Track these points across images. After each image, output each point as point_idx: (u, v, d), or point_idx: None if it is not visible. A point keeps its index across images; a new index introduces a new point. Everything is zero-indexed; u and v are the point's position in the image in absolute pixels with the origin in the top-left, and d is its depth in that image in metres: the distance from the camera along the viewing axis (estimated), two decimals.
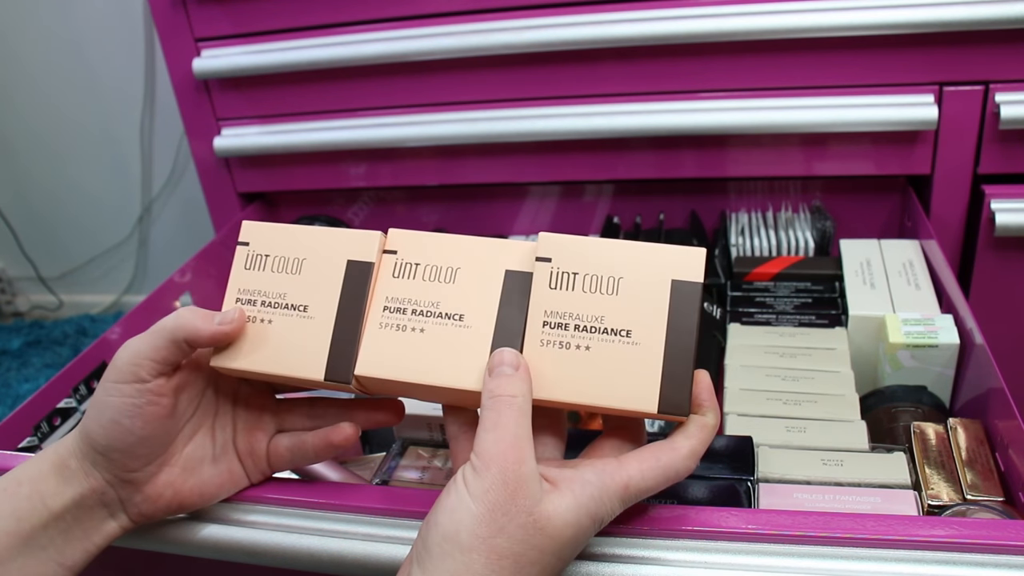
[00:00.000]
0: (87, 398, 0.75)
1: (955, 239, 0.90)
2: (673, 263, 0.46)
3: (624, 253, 0.46)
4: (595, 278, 0.46)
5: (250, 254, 0.52)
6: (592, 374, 0.45)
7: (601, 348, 0.45)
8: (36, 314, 1.93)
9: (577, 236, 0.47)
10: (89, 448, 0.47)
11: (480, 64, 0.93)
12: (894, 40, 0.83)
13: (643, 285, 0.46)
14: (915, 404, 0.67)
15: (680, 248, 0.46)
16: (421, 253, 0.49)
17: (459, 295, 0.48)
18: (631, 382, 0.45)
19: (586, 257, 0.46)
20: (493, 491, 0.40)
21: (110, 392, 0.46)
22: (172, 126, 1.59)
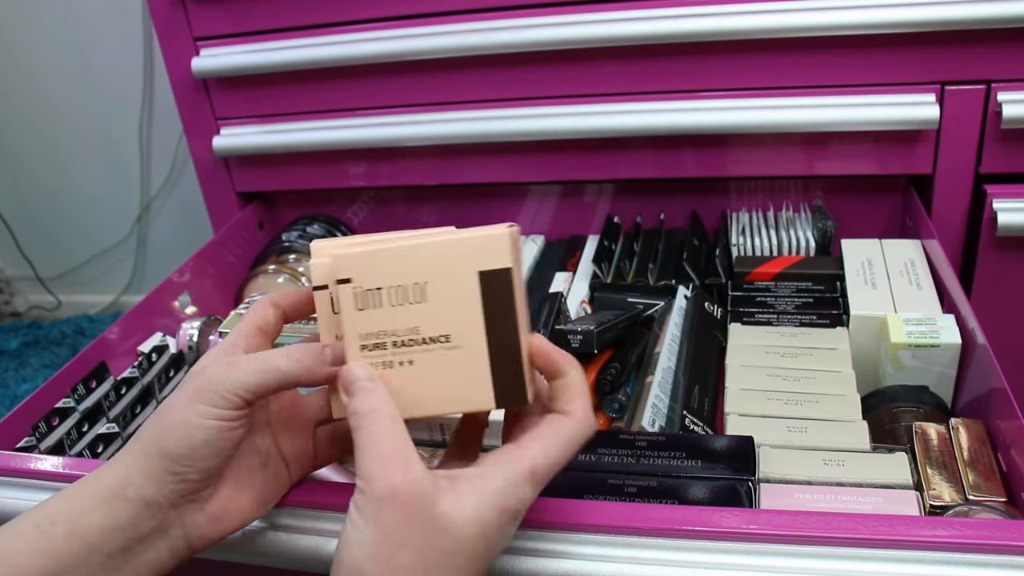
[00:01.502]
0: (85, 398, 0.75)
1: (957, 239, 0.90)
2: (476, 253, 0.43)
3: (423, 255, 0.44)
4: (400, 289, 0.44)
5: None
6: (423, 385, 0.44)
7: (424, 359, 0.44)
8: (34, 314, 1.93)
9: (373, 247, 0.44)
10: (160, 469, 0.43)
11: (480, 63, 0.93)
12: (895, 39, 0.83)
13: (450, 284, 0.44)
14: (917, 404, 0.67)
15: (480, 234, 0.43)
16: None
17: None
18: (462, 385, 0.44)
19: (386, 269, 0.44)
20: (384, 509, 0.38)
21: (203, 415, 0.43)
22: (171, 126, 1.59)
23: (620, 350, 0.75)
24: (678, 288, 0.84)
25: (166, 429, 0.44)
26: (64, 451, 0.70)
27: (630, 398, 0.71)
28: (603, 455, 0.61)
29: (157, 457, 0.43)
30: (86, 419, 0.72)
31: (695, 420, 0.69)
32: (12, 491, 0.59)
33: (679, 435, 0.65)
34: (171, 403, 0.44)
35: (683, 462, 0.59)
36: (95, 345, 0.80)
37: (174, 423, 0.43)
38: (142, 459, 0.44)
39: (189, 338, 0.85)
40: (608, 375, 0.71)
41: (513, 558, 0.49)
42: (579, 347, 0.73)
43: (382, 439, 0.40)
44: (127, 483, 0.43)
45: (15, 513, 0.58)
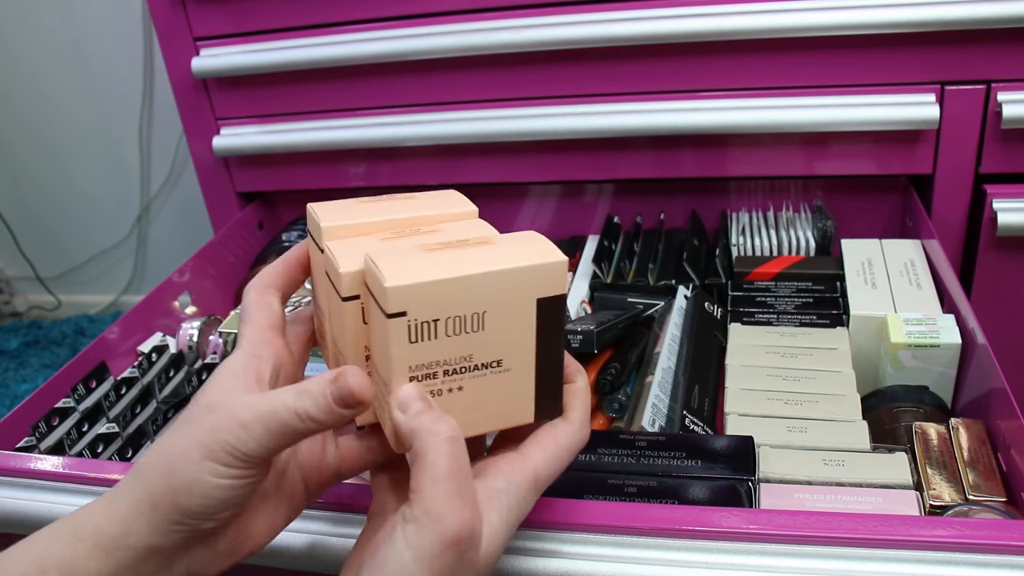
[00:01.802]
0: (85, 398, 0.75)
1: (957, 239, 0.90)
2: (536, 281, 0.42)
3: (484, 285, 0.41)
4: (458, 320, 0.42)
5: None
6: (468, 407, 0.43)
7: (473, 384, 0.43)
8: (34, 314, 1.93)
9: (430, 277, 0.40)
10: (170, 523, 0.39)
11: (479, 63, 0.93)
12: (895, 39, 0.83)
13: (508, 312, 0.42)
14: (917, 404, 0.67)
15: (541, 262, 0.42)
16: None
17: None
18: (506, 405, 0.44)
19: (444, 300, 0.41)
20: (443, 555, 0.36)
21: (219, 475, 0.39)
22: (171, 125, 1.59)
23: (620, 350, 0.75)
24: (678, 288, 0.84)
25: (178, 485, 0.39)
26: (64, 451, 0.70)
27: (630, 398, 0.71)
28: (603, 455, 0.61)
29: (168, 510, 0.39)
30: (86, 419, 0.72)
31: (695, 420, 0.69)
32: (12, 491, 0.59)
33: (679, 435, 0.65)
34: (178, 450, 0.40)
35: (683, 462, 0.59)
36: (95, 345, 0.80)
37: (186, 481, 0.39)
38: (147, 509, 0.40)
39: (189, 338, 0.85)
40: (608, 375, 0.71)
41: (513, 558, 0.49)
42: (579, 347, 0.73)
43: (456, 471, 0.38)
44: (129, 532, 0.40)
45: (14, 513, 0.58)
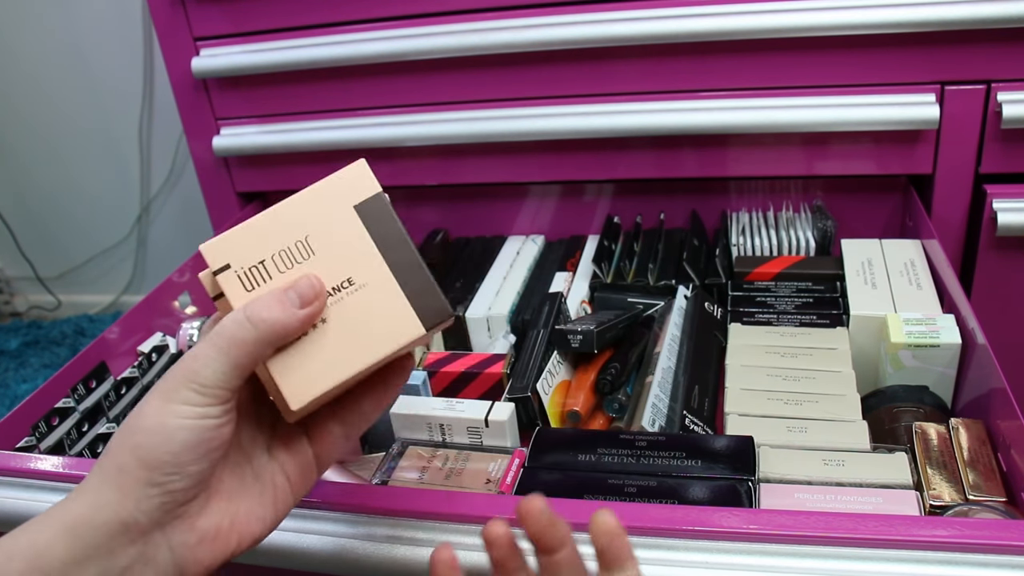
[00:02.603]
0: (85, 398, 0.75)
1: (957, 239, 0.90)
2: (344, 190, 0.43)
3: (292, 211, 0.43)
4: (284, 252, 0.42)
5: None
6: (347, 338, 0.42)
7: (335, 311, 0.42)
8: (34, 314, 1.93)
9: (233, 228, 0.42)
10: (140, 483, 0.38)
11: (480, 63, 0.93)
12: (895, 39, 0.83)
13: (331, 228, 0.43)
14: (917, 404, 0.67)
15: (340, 172, 0.44)
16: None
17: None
18: (384, 321, 0.42)
19: (260, 240, 0.42)
20: None
21: (183, 415, 0.38)
22: (171, 125, 1.59)
23: (620, 350, 0.75)
24: (678, 288, 0.84)
25: (141, 437, 0.38)
26: (64, 451, 0.70)
27: (630, 398, 0.71)
28: (603, 455, 0.61)
29: (134, 468, 0.38)
30: (86, 419, 0.73)
31: (695, 420, 0.69)
32: (12, 491, 0.59)
33: (679, 435, 0.65)
34: (139, 411, 0.39)
35: (683, 462, 0.59)
36: (95, 345, 0.80)
37: (150, 429, 0.38)
38: (114, 474, 0.38)
39: (189, 338, 0.85)
40: (608, 375, 0.71)
41: None
42: (579, 347, 0.73)
43: None
44: (97, 507, 0.38)
45: (14, 513, 0.58)
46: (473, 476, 0.62)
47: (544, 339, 0.75)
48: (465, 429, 0.67)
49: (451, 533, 0.51)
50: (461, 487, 0.61)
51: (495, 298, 0.89)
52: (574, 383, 0.74)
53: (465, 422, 0.67)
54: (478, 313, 0.86)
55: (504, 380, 0.73)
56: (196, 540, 0.40)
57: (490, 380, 0.74)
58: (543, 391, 0.70)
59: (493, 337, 0.86)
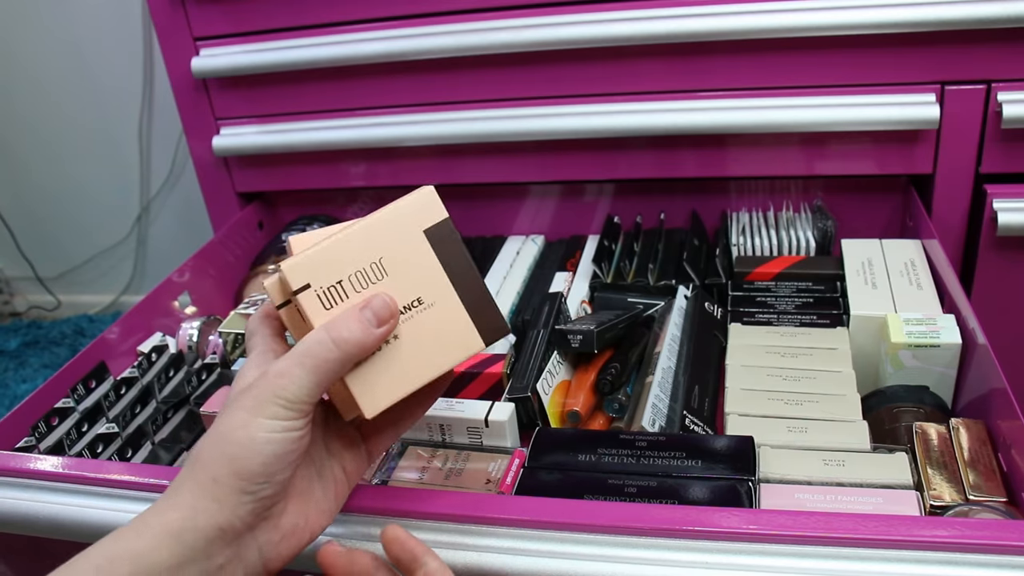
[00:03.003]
0: (85, 398, 0.75)
1: (957, 239, 0.90)
2: (414, 215, 0.46)
3: (368, 235, 0.46)
4: (360, 273, 0.46)
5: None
6: (414, 353, 0.46)
7: (406, 328, 0.46)
8: (34, 314, 1.93)
9: (314, 246, 0.46)
10: (235, 492, 0.41)
11: (479, 63, 0.92)
12: (896, 39, 0.83)
13: (403, 251, 0.46)
14: (917, 404, 0.66)
15: (410, 198, 0.47)
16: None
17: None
18: (449, 338, 0.46)
19: (338, 261, 0.45)
20: None
21: (271, 429, 0.42)
22: (171, 125, 1.59)
23: (620, 350, 0.75)
24: (678, 288, 0.84)
25: (234, 451, 0.41)
26: (64, 451, 0.70)
27: (630, 398, 0.71)
28: (603, 455, 0.61)
29: (228, 479, 0.41)
30: (86, 419, 0.72)
31: (695, 420, 0.69)
32: (11, 491, 0.59)
33: (679, 435, 0.65)
34: (228, 424, 0.42)
35: (683, 462, 0.59)
36: (95, 345, 0.80)
37: (240, 442, 0.41)
38: (210, 485, 0.41)
39: (189, 338, 0.85)
40: (608, 375, 0.71)
41: (514, 558, 0.49)
42: (579, 347, 0.73)
43: None
44: (196, 512, 0.41)
45: (14, 513, 0.58)
46: (473, 476, 0.62)
47: (544, 339, 0.75)
48: (465, 429, 0.67)
49: (451, 533, 0.51)
50: (461, 487, 0.61)
51: (495, 298, 0.89)
52: (574, 383, 0.74)
53: (465, 422, 0.66)
54: None
55: (504, 380, 0.73)
56: (279, 538, 0.44)
57: (490, 380, 0.74)
58: (543, 391, 0.70)
59: None
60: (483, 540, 0.50)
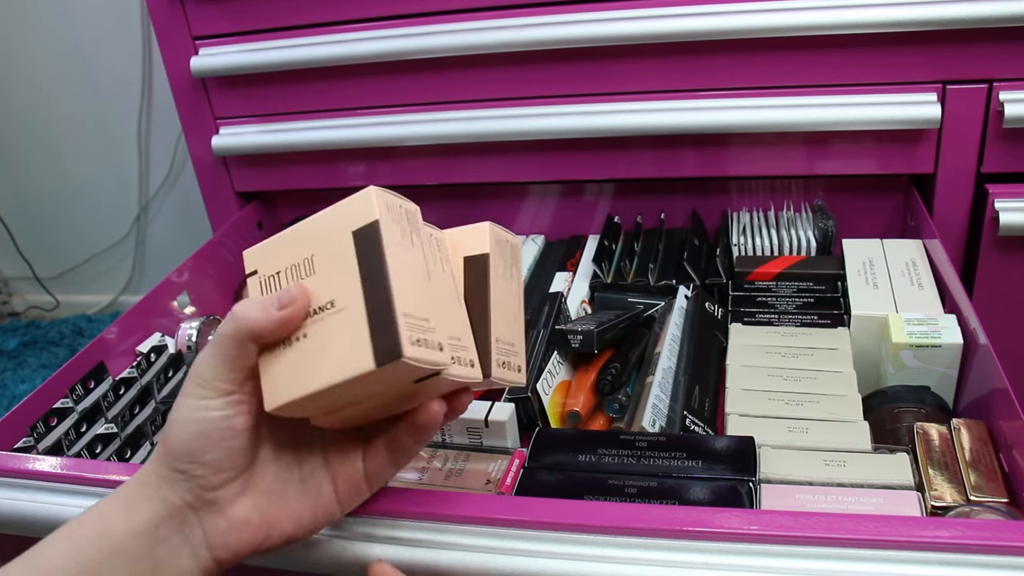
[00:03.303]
0: (84, 399, 0.75)
1: (958, 238, 0.90)
2: (350, 214, 0.44)
3: (308, 229, 0.45)
4: (294, 267, 0.45)
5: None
6: (316, 357, 0.43)
7: (315, 329, 0.43)
8: (32, 314, 1.93)
9: (268, 239, 0.47)
10: (169, 469, 0.44)
11: (479, 62, 0.92)
12: (897, 38, 0.83)
13: (331, 250, 0.44)
14: (918, 404, 0.66)
15: (353, 197, 0.44)
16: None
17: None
18: (345, 349, 0.42)
19: (282, 251, 0.46)
20: None
21: (192, 408, 0.43)
22: (170, 125, 1.59)
23: (620, 350, 0.75)
24: (678, 288, 0.83)
25: (167, 429, 0.44)
26: (62, 451, 0.69)
27: (630, 398, 0.71)
28: (603, 455, 0.61)
29: (165, 457, 0.44)
30: (84, 419, 0.72)
31: (696, 420, 0.69)
32: (10, 491, 0.59)
33: (679, 435, 0.65)
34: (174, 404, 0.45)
35: (684, 463, 0.59)
36: (93, 345, 0.80)
37: (173, 421, 0.44)
38: (155, 461, 0.44)
39: (188, 338, 0.84)
40: (608, 375, 0.71)
41: (514, 558, 0.49)
42: (579, 347, 0.73)
43: None
44: (146, 483, 0.44)
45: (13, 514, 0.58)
46: (473, 476, 0.62)
47: (544, 339, 0.75)
48: (465, 429, 0.67)
49: (450, 534, 0.51)
50: (461, 488, 0.61)
51: None
52: (574, 383, 0.74)
53: (465, 422, 0.66)
54: None
55: None
56: (227, 526, 0.44)
57: None
58: (543, 391, 0.70)
59: None
60: (483, 540, 0.50)
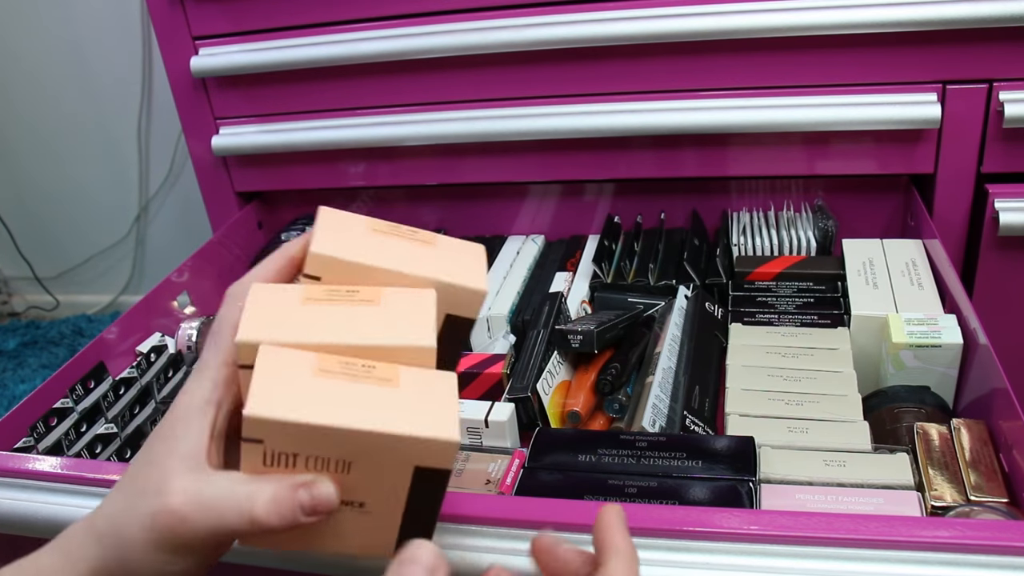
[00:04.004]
0: (84, 399, 0.75)
1: (958, 238, 0.90)
2: (419, 452, 0.38)
3: (352, 439, 0.38)
4: (320, 460, 0.39)
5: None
6: (324, 531, 0.41)
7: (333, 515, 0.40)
8: (32, 314, 1.93)
9: (291, 416, 0.37)
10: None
11: (480, 62, 0.92)
12: (897, 38, 0.83)
13: (380, 468, 0.39)
14: (918, 404, 0.66)
15: (426, 436, 0.38)
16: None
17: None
18: (366, 539, 0.42)
19: (305, 440, 0.38)
20: None
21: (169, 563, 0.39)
22: (170, 125, 1.59)
23: (620, 350, 0.75)
24: (678, 288, 0.83)
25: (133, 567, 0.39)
26: (62, 451, 0.69)
27: (630, 398, 0.71)
28: (603, 455, 0.61)
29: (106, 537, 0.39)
30: (84, 419, 0.72)
31: (696, 420, 0.69)
32: (10, 492, 0.59)
33: (680, 435, 0.65)
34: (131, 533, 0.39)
35: (684, 463, 0.59)
36: (93, 345, 0.80)
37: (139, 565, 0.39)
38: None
39: (188, 338, 0.84)
40: (608, 375, 0.71)
41: (514, 558, 0.49)
42: (579, 347, 0.73)
43: None
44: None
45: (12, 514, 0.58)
46: (473, 477, 0.62)
47: (544, 339, 0.75)
48: (465, 429, 0.67)
49: (451, 534, 0.51)
50: (461, 488, 0.61)
51: (495, 298, 0.89)
52: (574, 383, 0.74)
53: (465, 422, 0.66)
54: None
55: (504, 380, 0.73)
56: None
57: (490, 380, 0.73)
58: (543, 391, 0.70)
59: (493, 337, 0.86)
60: (483, 540, 0.50)
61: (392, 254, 0.45)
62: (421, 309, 0.43)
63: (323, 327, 0.41)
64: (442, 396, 0.40)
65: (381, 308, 0.42)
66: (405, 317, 0.42)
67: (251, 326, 0.40)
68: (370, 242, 0.45)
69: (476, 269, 0.46)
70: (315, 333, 0.41)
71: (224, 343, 0.42)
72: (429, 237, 0.48)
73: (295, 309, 0.42)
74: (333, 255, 0.43)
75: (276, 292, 0.43)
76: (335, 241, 0.44)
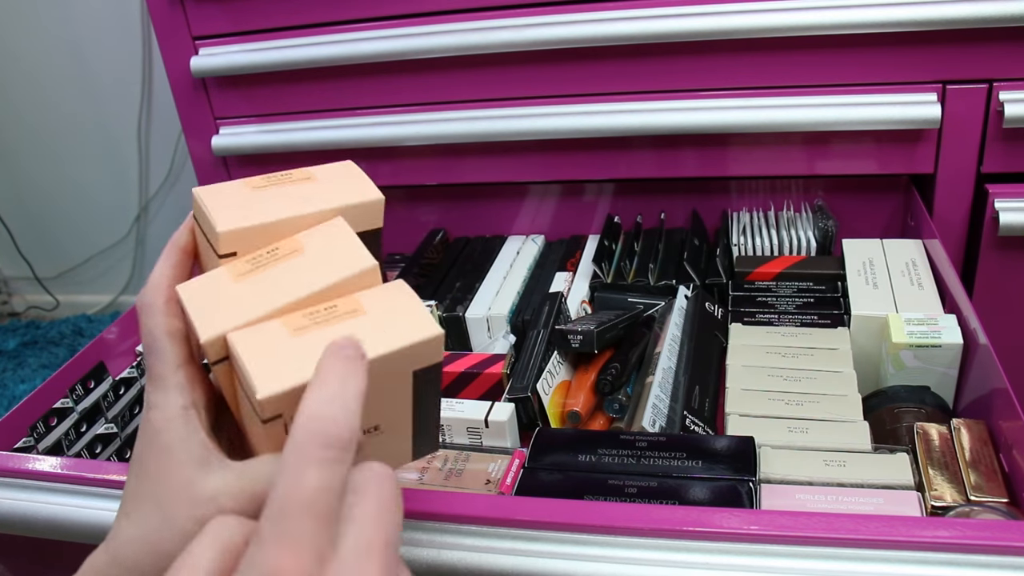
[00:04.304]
0: (84, 399, 0.75)
1: (958, 238, 0.90)
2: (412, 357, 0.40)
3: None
4: None
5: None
6: None
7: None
8: (32, 314, 1.93)
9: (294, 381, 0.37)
10: None
11: (480, 62, 0.92)
12: (897, 38, 0.83)
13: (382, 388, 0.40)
14: (918, 404, 0.66)
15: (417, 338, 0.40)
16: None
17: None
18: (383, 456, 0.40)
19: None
20: None
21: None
22: (170, 125, 1.59)
23: (620, 350, 0.75)
24: (678, 288, 0.83)
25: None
26: (62, 451, 0.69)
27: (630, 398, 0.71)
28: (603, 455, 0.61)
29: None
30: (84, 419, 0.72)
31: (696, 420, 0.69)
32: (10, 492, 0.59)
33: (680, 435, 0.65)
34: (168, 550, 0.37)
35: (684, 463, 0.59)
36: (93, 345, 0.80)
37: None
38: None
39: None
40: (608, 375, 0.71)
41: (514, 558, 0.49)
42: (579, 347, 0.73)
43: None
44: None
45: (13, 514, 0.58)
46: (473, 477, 0.62)
47: (544, 339, 0.75)
48: (465, 429, 0.67)
49: (451, 534, 0.51)
50: (461, 488, 0.61)
51: (495, 298, 0.89)
52: (574, 383, 0.74)
53: (465, 422, 0.66)
54: (478, 313, 0.86)
55: (504, 380, 0.73)
56: None
57: (490, 380, 0.74)
58: (543, 391, 0.70)
59: (493, 337, 0.86)
60: (483, 540, 0.50)
61: (286, 202, 0.45)
62: (341, 237, 0.44)
63: (269, 294, 0.41)
64: (406, 301, 0.42)
65: (307, 253, 0.43)
66: (333, 251, 0.43)
67: (206, 323, 0.40)
68: (261, 200, 0.45)
69: (362, 182, 0.48)
70: (266, 302, 0.41)
71: (165, 350, 0.41)
72: (305, 173, 0.49)
73: (233, 290, 0.41)
74: (240, 226, 0.43)
75: (205, 283, 0.42)
76: (233, 213, 0.43)
